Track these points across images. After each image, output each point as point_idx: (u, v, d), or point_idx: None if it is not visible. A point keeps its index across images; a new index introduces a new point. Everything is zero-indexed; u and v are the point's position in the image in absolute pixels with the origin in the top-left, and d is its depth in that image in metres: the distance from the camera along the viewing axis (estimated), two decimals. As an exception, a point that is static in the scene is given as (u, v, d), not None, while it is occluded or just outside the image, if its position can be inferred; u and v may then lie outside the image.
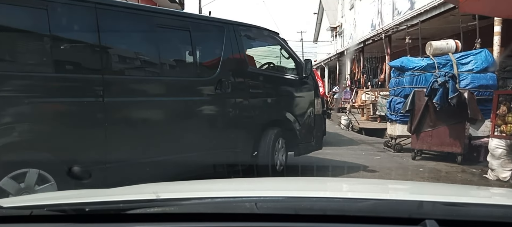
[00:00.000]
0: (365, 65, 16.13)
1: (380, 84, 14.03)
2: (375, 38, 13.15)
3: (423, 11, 9.41)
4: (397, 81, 6.96)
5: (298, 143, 4.79)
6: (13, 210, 1.15)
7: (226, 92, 4.05)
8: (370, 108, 11.99)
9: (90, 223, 1.07)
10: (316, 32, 32.45)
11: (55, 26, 2.98)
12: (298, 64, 4.88)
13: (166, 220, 1.07)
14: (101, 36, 3.21)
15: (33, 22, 2.96)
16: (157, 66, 3.77)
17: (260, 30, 4.78)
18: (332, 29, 26.43)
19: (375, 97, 12.13)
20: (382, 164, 5.81)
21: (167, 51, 3.91)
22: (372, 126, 10.70)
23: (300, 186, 1.77)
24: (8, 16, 2.82)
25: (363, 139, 9.16)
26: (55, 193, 2.03)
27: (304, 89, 5.00)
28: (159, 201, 1.18)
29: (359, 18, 17.95)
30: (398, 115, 6.78)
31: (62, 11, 3.07)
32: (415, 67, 6.66)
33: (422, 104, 5.83)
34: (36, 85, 2.92)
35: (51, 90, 3.00)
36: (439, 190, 1.78)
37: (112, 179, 2.88)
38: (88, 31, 3.21)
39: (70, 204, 1.19)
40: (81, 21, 3.20)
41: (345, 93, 19.50)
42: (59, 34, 3.09)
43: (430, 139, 5.84)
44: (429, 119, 5.82)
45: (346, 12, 21.56)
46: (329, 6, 27.46)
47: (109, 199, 1.29)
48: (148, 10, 3.91)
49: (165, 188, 1.60)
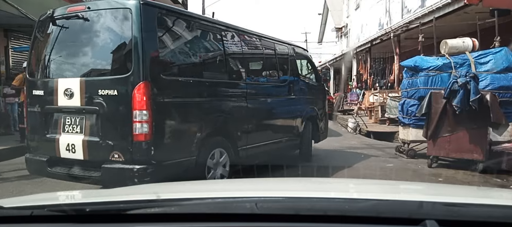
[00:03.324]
0: (373, 66, 15.62)
1: (389, 86, 13.52)
2: (383, 38, 12.65)
3: (435, 8, 8.93)
4: (410, 82, 6.48)
5: (318, 133, 6.30)
6: (14, 211, 1.15)
7: (291, 94, 5.52)
8: (379, 111, 11.52)
9: (91, 224, 1.07)
10: (320, 33, 32.04)
11: (227, 47, 4.35)
12: (317, 73, 6.79)
13: (166, 220, 1.07)
14: (244, 54, 4.83)
15: (218, 44, 4.26)
16: (265, 75, 5.25)
17: (301, 48, 6.66)
18: (337, 29, 25.99)
19: (384, 99, 11.67)
20: (395, 172, 5.34)
21: (269, 65, 5.35)
22: (381, 129, 10.21)
23: (300, 186, 1.78)
24: (207, 40, 4.17)
25: (372, 143, 8.68)
26: (56, 194, 2.07)
27: (321, 92, 6.68)
28: (160, 201, 1.18)
29: (366, 17, 17.45)
30: (412, 118, 6.29)
31: (231, 36, 4.52)
32: (430, 67, 6.17)
33: (439, 107, 5.34)
34: (219, 89, 4.14)
35: (226, 92, 4.25)
36: (439, 190, 1.78)
37: (249, 158, 4.31)
38: (239, 51, 4.72)
39: (71, 204, 1.20)
40: (239, 44, 4.69)
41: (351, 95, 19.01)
42: (230, 53, 4.44)
43: (448, 145, 5.35)
44: (447, 123, 5.33)
45: (352, 12, 21.10)
46: (334, 7, 27.06)
47: (110, 200, 1.29)
48: (260, 36, 5.20)
49: (165, 188, 1.62)
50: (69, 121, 3.52)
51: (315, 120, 6.14)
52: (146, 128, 3.21)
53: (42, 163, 3.61)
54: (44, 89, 3.69)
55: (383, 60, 15.61)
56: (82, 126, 3.46)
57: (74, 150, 3.45)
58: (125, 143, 3.26)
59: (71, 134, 3.49)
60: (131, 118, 3.21)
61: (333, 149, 7.48)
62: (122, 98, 3.27)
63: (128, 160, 3.24)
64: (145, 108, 3.20)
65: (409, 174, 5.30)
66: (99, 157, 3.35)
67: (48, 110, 3.64)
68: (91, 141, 3.40)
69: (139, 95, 3.20)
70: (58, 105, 3.55)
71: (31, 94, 3.78)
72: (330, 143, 8.37)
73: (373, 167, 5.62)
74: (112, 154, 3.29)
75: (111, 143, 3.31)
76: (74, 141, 3.45)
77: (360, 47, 15.91)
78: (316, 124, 6.16)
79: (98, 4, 3.61)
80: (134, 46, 3.25)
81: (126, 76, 3.26)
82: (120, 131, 3.32)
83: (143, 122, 3.21)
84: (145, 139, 3.22)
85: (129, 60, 3.27)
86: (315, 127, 6.15)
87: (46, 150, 3.65)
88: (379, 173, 5.34)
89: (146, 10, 3.33)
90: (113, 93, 3.30)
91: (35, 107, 3.73)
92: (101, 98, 3.33)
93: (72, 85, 3.46)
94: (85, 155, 3.42)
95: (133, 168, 3.21)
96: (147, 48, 3.29)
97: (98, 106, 3.35)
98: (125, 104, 3.26)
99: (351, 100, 18.17)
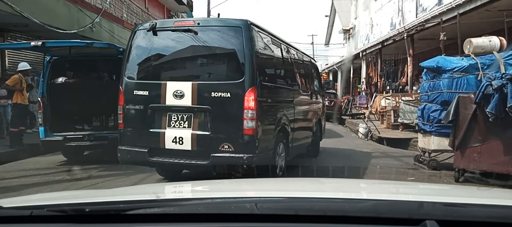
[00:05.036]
0: (383, 68, 14.97)
1: (400, 89, 12.87)
2: (396, 38, 12.01)
3: (455, 5, 8.30)
4: (432, 85, 5.87)
5: (322, 133, 7.14)
6: (13, 211, 1.15)
7: (312, 99, 6.44)
8: (391, 115, 10.89)
9: (90, 224, 1.08)
10: (327, 35, 31.48)
11: (284, 58, 5.18)
12: (320, 80, 7.68)
13: (166, 220, 1.07)
14: (291, 64, 5.56)
15: (281, 56, 5.06)
16: (301, 82, 5.96)
17: (312, 59, 8.00)
18: (344, 31, 25.41)
19: (397, 103, 11.04)
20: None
21: (302, 73, 6.15)
22: (395, 135, 9.58)
23: (300, 186, 1.79)
24: (276, 53, 4.96)
25: (386, 151, 8.06)
26: (55, 194, 2.03)
27: (322, 97, 7.52)
28: (159, 202, 1.20)
29: (376, 18, 16.81)
30: (434, 125, 5.67)
31: (285, 49, 5.34)
32: (454, 69, 5.56)
33: (469, 113, 4.73)
34: (282, 93, 4.91)
35: (285, 96, 4.99)
36: (439, 191, 1.79)
37: (294, 151, 5.10)
38: (289, 62, 5.48)
39: (70, 204, 1.20)
40: (288, 56, 5.45)
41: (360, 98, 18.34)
42: (286, 63, 5.26)
43: (478, 157, 4.72)
44: (478, 131, 4.71)
45: (360, 13, 20.49)
46: (341, 8, 26.55)
47: (109, 200, 1.28)
48: (296, 48, 6.18)
49: (165, 189, 1.68)
50: (176, 117, 4.16)
51: (321, 121, 7.04)
52: (253, 124, 3.91)
53: (143, 153, 4.16)
54: (149, 91, 4.24)
55: (394, 62, 14.94)
56: (190, 121, 4.11)
57: (182, 141, 4.08)
58: (235, 136, 3.94)
59: (179, 129, 4.13)
60: (242, 116, 3.91)
61: (347, 155, 6.92)
62: (234, 99, 3.96)
63: (237, 150, 3.91)
64: (253, 108, 3.91)
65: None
66: (207, 148, 3.99)
67: (153, 108, 4.22)
68: (200, 135, 4.05)
69: (250, 97, 3.92)
70: (166, 104, 4.15)
71: (132, 94, 4.30)
72: (342, 150, 7.81)
73: (392, 179, 5.03)
74: (222, 145, 3.94)
75: (222, 136, 3.98)
76: (182, 134, 4.09)
77: (370, 48, 15.28)
78: (321, 124, 7.03)
79: (210, 21, 4.69)
80: (246, 58, 3.97)
81: (239, 82, 3.96)
82: (230, 126, 3.99)
83: (252, 119, 3.91)
84: (252, 132, 3.91)
85: (241, 69, 4.00)
86: (320, 127, 7.00)
87: (147, 142, 4.21)
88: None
89: (252, 29, 4.09)
90: (226, 95, 3.98)
91: (136, 106, 4.28)
92: (213, 99, 3.99)
93: (183, 87, 4.10)
94: (193, 146, 4.06)
95: (242, 156, 3.89)
96: (254, 59, 4.00)
97: (210, 105, 4.01)
98: (236, 104, 3.94)
99: (360, 103, 17.52)
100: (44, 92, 6.05)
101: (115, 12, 12.74)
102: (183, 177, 4.88)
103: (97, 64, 6.69)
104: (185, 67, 4.46)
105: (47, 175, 5.23)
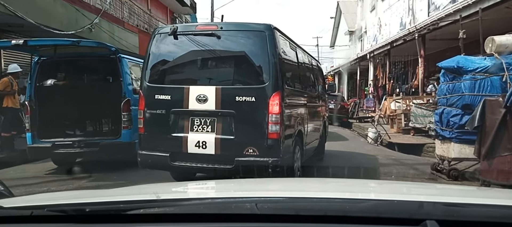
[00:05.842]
0: (392, 70, 14.44)
1: (411, 91, 12.33)
2: (406, 38, 11.50)
3: (471, 2, 7.79)
4: (451, 87, 5.38)
5: (326, 135, 7.11)
6: (14, 211, 1.15)
7: (320, 102, 6.57)
8: (402, 119, 10.38)
9: (90, 224, 1.08)
10: (333, 37, 31.01)
11: (299, 63, 5.30)
12: (324, 83, 7.67)
13: (166, 220, 1.08)
14: (304, 69, 5.66)
15: (297, 61, 5.15)
16: (312, 86, 6.15)
17: (318, 62, 8.08)
18: (350, 32, 24.93)
19: (407, 106, 10.54)
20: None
21: (312, 77, 6.27)
22: (406, 141, 9.07)
23: (300, 186, 1.82)
24: (294, 57, 5.03)
25: (398, 158, 7.55)
26: (55, 194, 2.04)
27: (325, 100, 7.47)
28: (159, 202, 1.18)
29: (384, 18, 16.29)
30: (454, 131, 5.19)
31: (301, 53, 5.56)
32: (477, 69, 5.08)
33: (497, 118, 4.25)
34: (299, 97, 4.96)
35: (301, 100, 5.05)
36: (439, 191, 1.78)
37: (307, 153, 5.21)
38: (303, 66, 5.59)
39: (71, 204, 1.20)
40: (302, 60, 5.56)
41: (368, 101, 17.79)
42: (301, 68, 5.40)
43: (509, 167, 4.23)
44: (507, 139, 4.22)
45: (367, 14, 20.00)
46: (347, 10, 26.10)
47: (109, 200, 1.28)
48: (308, 53, 6.35)
49: (165, 189, 1.65)
50: (199, 121, 4.11)
51: (325, 123, 7.09)
52: (278, 128, 3.92)
53: (164, 158, 4.11)
54: (171, 95, 4.20)
55: (404, 64, 14.40)
56: (213, 126, 4.07)
57: (205, 146, 4.03)
58: (260, 140, 3.92)
59: (202, 133, 4.09)
60: (266, 120, 3.91)
61: (358, 162, 6.44)
62: (258, 104, 3.95)
63: (262, 154, 3.90)
64: (278, 112, 3.91)
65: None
66: (231, 152, 3.95)
67: (175, 112, 4.18)
68: (224, 139, 4.02)
69: (274, 101, 3.92)
70: (189, 109, 4.11)
71: (153, 99, 4.25)
72: (351, 156, 7.35)
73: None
74: (247, 149, 3.92)
75: (246, 140, 3.96)
76: (205, 139, 4.04)
77: (378, 49, 14.76)
78: (325, 127, 7.08)
79: (232, 25, 4.58)
80: (270, 62, 3.95)
81: (264, 86, 3.96)
82: (254, 130, 3.98)
83: (276, 123, 3.92)
84: (277, 136, 3.91)
85: (265, 73, 3.98)
86: (325, 129, 7.04)
87: (169, 147, 4.15)
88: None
89: (275, 34, 4.09)
90: (250, 100, 3.97)
91: (158, 111, 4.21)
92: (237, 103, 3.97)
93: (207, 92, 4.06)
94: (217, 150, 4.02)
95: (268, 160, 3.86)
96: (278, 64, 4.00)
97: (234, 109, 3.99)
98: (261, 108, 3.93)
99: (368, 106, 16.99)
100: (32, 96, 5.64)
101: (115, 13, 12.38)
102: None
103: (89, 65, 6.26)
104: (208, 71, 4.42)
105: (31, 185, 4.80)
